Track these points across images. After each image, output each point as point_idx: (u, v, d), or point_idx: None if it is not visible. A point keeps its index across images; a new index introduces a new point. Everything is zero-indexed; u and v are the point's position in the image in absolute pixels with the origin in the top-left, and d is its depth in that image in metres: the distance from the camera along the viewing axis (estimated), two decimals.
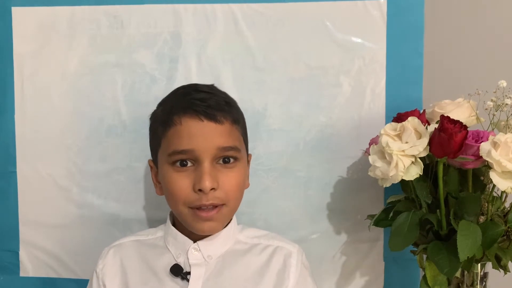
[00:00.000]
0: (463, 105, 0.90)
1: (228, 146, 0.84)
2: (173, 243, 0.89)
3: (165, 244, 0.90)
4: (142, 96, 1.06)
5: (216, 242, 0.88)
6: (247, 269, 0.87)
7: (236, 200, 0.87)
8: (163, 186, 0.87)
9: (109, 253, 0.90)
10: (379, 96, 1.03)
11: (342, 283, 1.06)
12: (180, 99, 0.86)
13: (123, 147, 1.07)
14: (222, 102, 0.85)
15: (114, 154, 1.07)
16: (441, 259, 0.83)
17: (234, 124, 0.86)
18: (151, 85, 1.06)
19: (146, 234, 0.93)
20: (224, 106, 0.85)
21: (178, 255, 0.87)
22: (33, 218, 1.09)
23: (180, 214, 0.85)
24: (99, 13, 1.07)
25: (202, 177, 0.81)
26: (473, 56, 1.08)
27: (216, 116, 0.83)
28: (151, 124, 0.91)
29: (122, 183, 1.08)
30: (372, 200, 1.04)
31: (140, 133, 1.05)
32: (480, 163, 0.83)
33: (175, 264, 0.86)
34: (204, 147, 0.82)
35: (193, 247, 0.87)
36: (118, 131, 1.07)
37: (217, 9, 1.05)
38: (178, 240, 0.88)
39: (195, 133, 0.82)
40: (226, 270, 0.86)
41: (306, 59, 1.04)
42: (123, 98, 1.07)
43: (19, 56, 1.08)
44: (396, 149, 0.83)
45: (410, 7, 1.01)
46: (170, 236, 0.89)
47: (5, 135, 1.09)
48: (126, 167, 1.07)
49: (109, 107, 1.07)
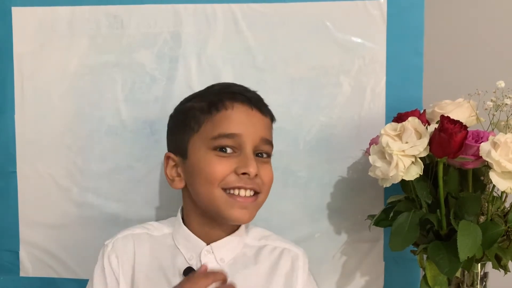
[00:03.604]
0: (463, 105, 0.90)
1: (268, 140, 0.86)
2: (184, 244, 0.86)
3: (175, 243, 0.87)
4: (142, 96, 1.06)
5: (228, 245, 0.87)
6: (257, 272, 0.86)
7: (267, 193, 0.86)
8: (196, 171, 0.83)
9: (119, 244, 0.87)
10: (379, 96, 1.03)
11: (342, 283, 1.06)
12: (226, 87, 0.88)
13: (123, 147, 1.07)
14: (261, 98, 0.88)
15: (114, 154, 1.07)
16: (441, 259, 0.83)
17: (272, 121, 0.89)
18: (151, 85, 1.06)
19: (154, 229, 0.90)
20: (265, 102, 0.88)
21: (190, 257, 0.85)
22: (33, 218, 1.09)
23: (213, 198, 0.82)
24: (99, 13, 1.07)
25: (248, 162, 0.81)
26: (473, 56, 1.08)
27: (262, 108, 0.86)
28: (181, 115, 0.88)
29: (122, 183, 1.08)
30: (372, 200, 1.04)
31: (140, 133, 1.05)
32: (480, 163, 0.83)
33: (189, 267, 0.84)
34: (250, 134, 0.82)
35: (206, 250, 0.85)
36: (118, 131, 1.07)
37: (217, 9, 1.05)
38: (190, 241, 0.86)
39: (244, 119, 0.83)
40: (237, 273, 0.84)
41: (306, 59, 1.04)
42: (123, 98, 1.07)
43: (19, 56, 1.08)
44: (396, 149, 0.83)
45: (410, 7, 1.01)
46: (181, 236, 0.87)
47: (5, 135, 1.09)
48: (126, 167, 1.07)
49: (109, 107, 1.07)
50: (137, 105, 1.06)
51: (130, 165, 1.07)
